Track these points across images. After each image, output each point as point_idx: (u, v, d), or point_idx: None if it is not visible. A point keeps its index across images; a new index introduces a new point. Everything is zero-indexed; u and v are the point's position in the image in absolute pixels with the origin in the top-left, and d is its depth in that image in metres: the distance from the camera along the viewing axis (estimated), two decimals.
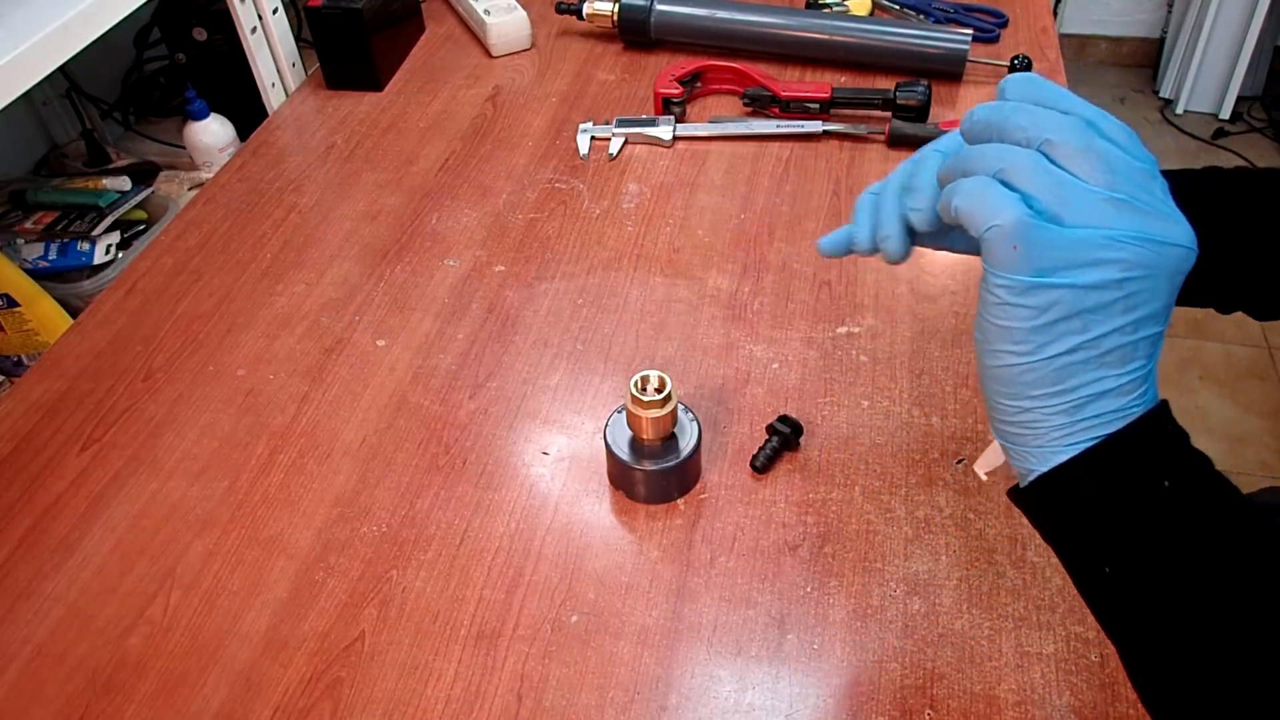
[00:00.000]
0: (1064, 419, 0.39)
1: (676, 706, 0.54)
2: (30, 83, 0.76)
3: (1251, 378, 1.93)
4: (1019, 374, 0.38)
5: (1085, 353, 0.37)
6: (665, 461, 0.62)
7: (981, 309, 0.39)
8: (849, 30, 1.05)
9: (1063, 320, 0.37)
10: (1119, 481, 0.38)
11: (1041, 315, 0.37)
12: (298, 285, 0.83)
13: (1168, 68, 2.67)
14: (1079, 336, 0.37)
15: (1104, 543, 0.40)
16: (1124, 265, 0.36)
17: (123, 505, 0.66)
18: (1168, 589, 0.38)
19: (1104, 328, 0.37)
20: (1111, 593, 0.40)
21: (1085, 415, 0.38)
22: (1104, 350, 0.37)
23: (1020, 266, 0.36)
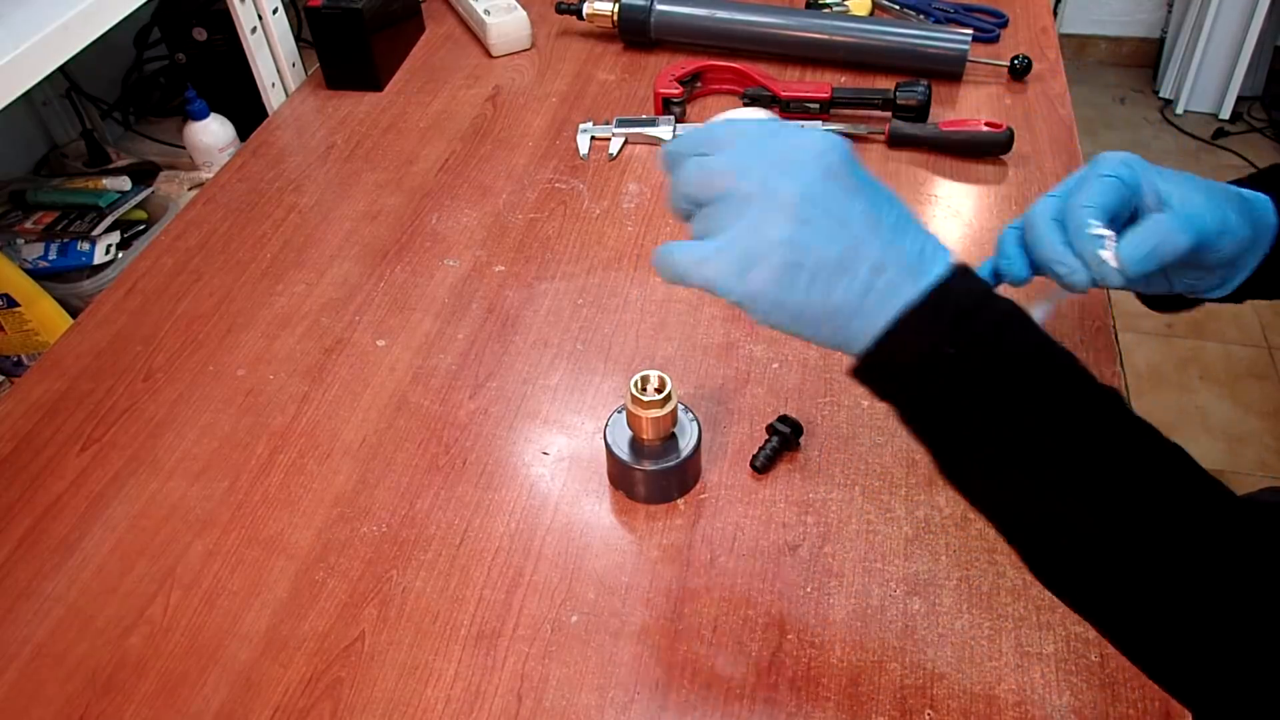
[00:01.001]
0: (851, 320, 0.43)
1: (676, 706, 0.54)
2: (30, 83, 0.76)
3: (1251, 378, 1.93)
4: (788, 325, 0.44)
5: (820, 280, 0.42)
6: (665, 461, 0.62)
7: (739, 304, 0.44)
8: (849, 30, 1.05)
9: (777, 280, 0.42)
10: (905, 359, 0.42)
11: (765, 297, 0.43)
12: (298, 285, 0.83)
13: (1168, 68, 2.67)
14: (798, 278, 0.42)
15: (916, 414, 0.44)
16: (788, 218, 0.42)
17: (123, 505, 0.66)
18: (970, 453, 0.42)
19: (816, 259, 0.42)
20: (945, 459, 0.44)
21: (865, 305, 0.42)
22: (829, 263, 0.42)
23: (717, 285, 0.43)
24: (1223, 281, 0.57)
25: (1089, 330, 0.74)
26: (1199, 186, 0.51)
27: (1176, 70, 2.64)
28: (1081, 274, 0.51)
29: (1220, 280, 0.56)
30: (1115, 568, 0.40)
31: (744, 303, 0.43)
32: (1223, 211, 0.51)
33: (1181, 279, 0.57)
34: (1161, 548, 0.39)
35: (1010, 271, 0.54)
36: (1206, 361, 1.97)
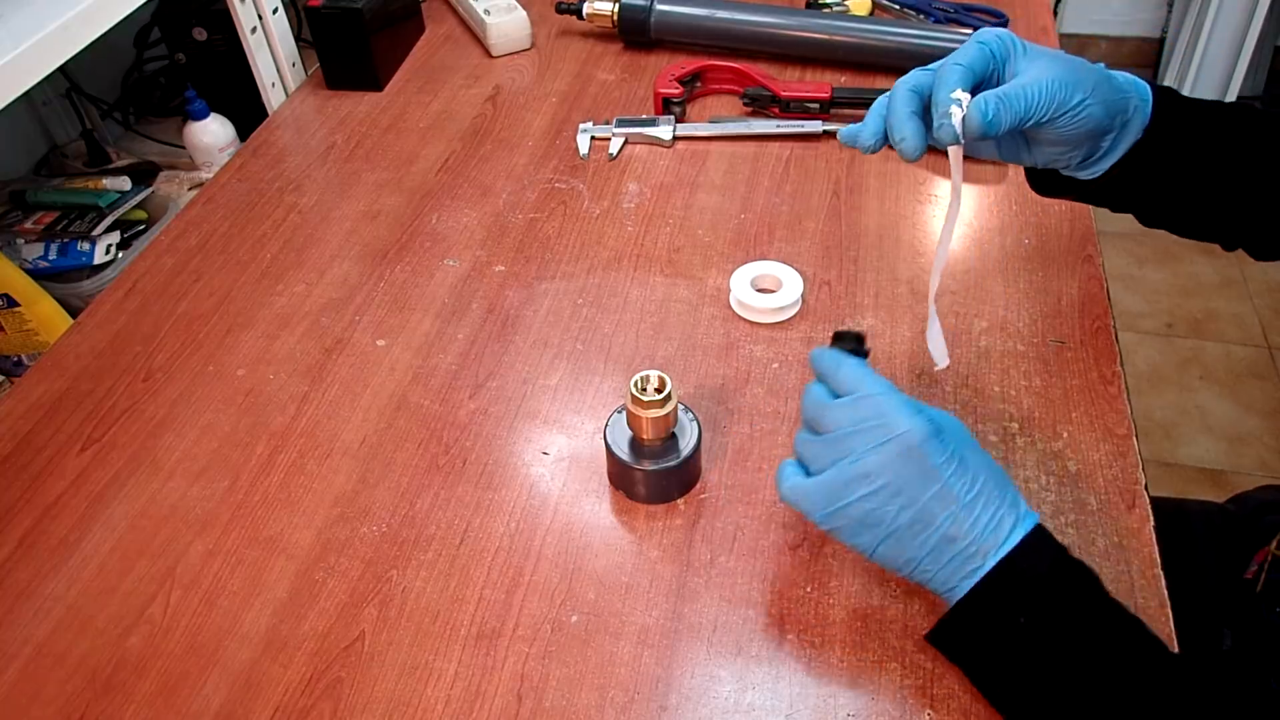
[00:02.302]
0: (928, 576, 0.49)
1: (676, 706, 0.54)
2: (30, 83, 0.76)
3: (1251, 378, 1.93)
4: (880, 560, 0.50)
5: (895, 535, 0.48)
6: (665, 461, 0.62)
7: None
8: (849, 30, 1.05)
9: (861, 525, 0.49)
10: (980, 626, 0.48)
11: (845, 531, 0.50)
12: (298, 285, 0.83)
13: (1168, 68, 2.67)
14: (878, 529, 0.49)
15: (994, 673, 0.50)
16: (866, 473, 0.48)
17: (123, 505, 0.66)
18: (1036, 710, 0.48)
19: (888, 513, 0.48)
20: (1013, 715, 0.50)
21: (938, 566, 0.48)
22: (904, 525, 0.48)
23: (810, 513, 0.51)
24: (1085, 161, 0.59)
25: (1089, 330, 0.74)
26: (1056, 64, 0.54)
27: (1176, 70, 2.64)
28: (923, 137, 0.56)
29: (1083, 159, 0.59)
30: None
31: (834, 535, 0.51)
32: (1069, 91, 0.53)
33: (1041, 152, 0.59)
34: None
35: (861, 136, 0.59)
36: (1206, 361, 1.97)
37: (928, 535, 0.48)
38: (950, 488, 0.47)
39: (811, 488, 0.50)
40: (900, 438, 0.47)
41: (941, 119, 0.53)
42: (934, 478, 0.47)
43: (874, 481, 0.48)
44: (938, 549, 0.48)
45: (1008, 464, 0.65)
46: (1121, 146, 0.58)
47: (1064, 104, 0.53)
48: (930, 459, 0.47)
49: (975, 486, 0.48)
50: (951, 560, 0.48)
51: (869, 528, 0.49)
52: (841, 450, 0.49)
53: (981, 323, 0.75)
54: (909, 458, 0.47)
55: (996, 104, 0.52)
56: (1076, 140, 0.57)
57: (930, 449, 0.47)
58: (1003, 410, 0.68)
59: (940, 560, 0.48)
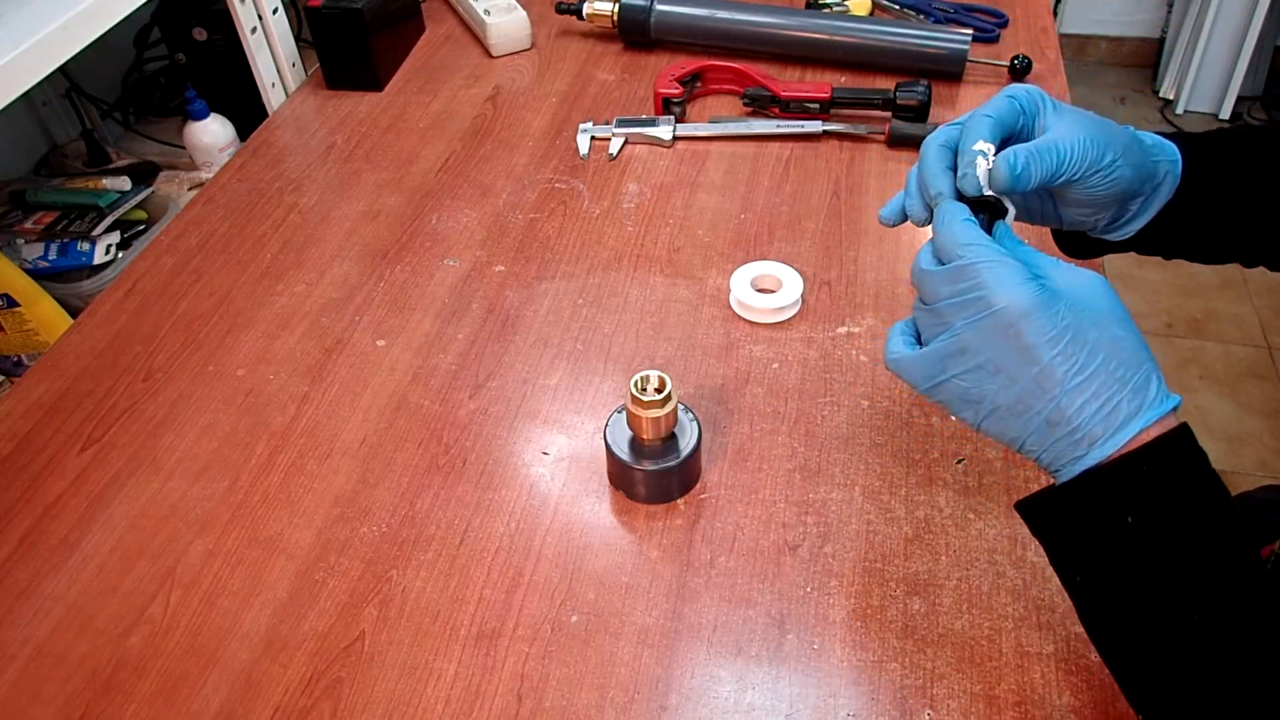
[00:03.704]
0: (1038, 450, 0.47)
1: (676, 706, 0.54)
2: (30, 83, 0.76)
3: (1251, 378, 1.93)
4: (987, 433, 0.48)
5: (995, 416, 0.47)
6: (665, 461, 0.62)
7: None
8: (849, 30, 1.05)
9: (953, 402, 0.48)
10: (1086, 514, 0.45)
11: (948, 407, 0.48)
12: (298, 285, 0.83)
13: (1168, 68, 2.67)
14: (977, 408, 0.47)
15: (1077, 559, 0.47)
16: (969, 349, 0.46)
17: (123, 505, 0.66)
18: (1125, 607, 0.45)
19: (991, 386, 0.46)
20: (1083, 599, 0.47)
21: (1050, 441, 0.46)
22: (1002, 407, 0.46)
23: (917, 383, 0.49)
24: (1115, 222, 0.58)
25: None
26: (1087, 122, 0.53)
27: (1176, 70, 2.64)
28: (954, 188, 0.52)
29: (1112, 220, 0.58)
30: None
31: (937, 401, 0.49)
32: (1101, 150, 0.52)
33: (1069, 214, 0.58)
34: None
35: (911, 212, 0.55)
36: (1206, 361, 1.97)
37: (1029, 417, 0.45)
38: (1052, 369, 0.44)
39: (911, 361, 0.49)
40: (998, 314, 0.44)
41: (966, 168, 0.50)
42: (1033, 358, 0.44)
43: (970, 359, 0.46)
44: (1039, 431, 0.45)
45: (1007, 464, 0.65)
46: (1151, 210, 0.57)
47: (1096, 162, 0.52)
48: (1029, 336, 0.44)
49: (1088, 368, 0.44)
50: (1056, 443, 0.45)
51: (970, 404, 0.47)
52: (941, 323, 0.47)
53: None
54: (1006, 335, 0.44)
55: (1027, 157, 0.50)
56: (1105, 202, 0.55)
57: (1031, 325, 0.44)
58: None
59: (1044, 442, 0.46)
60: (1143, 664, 0.45)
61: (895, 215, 0.54)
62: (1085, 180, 0.53)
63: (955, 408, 0.48)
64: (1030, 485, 0.64)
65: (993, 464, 0.65)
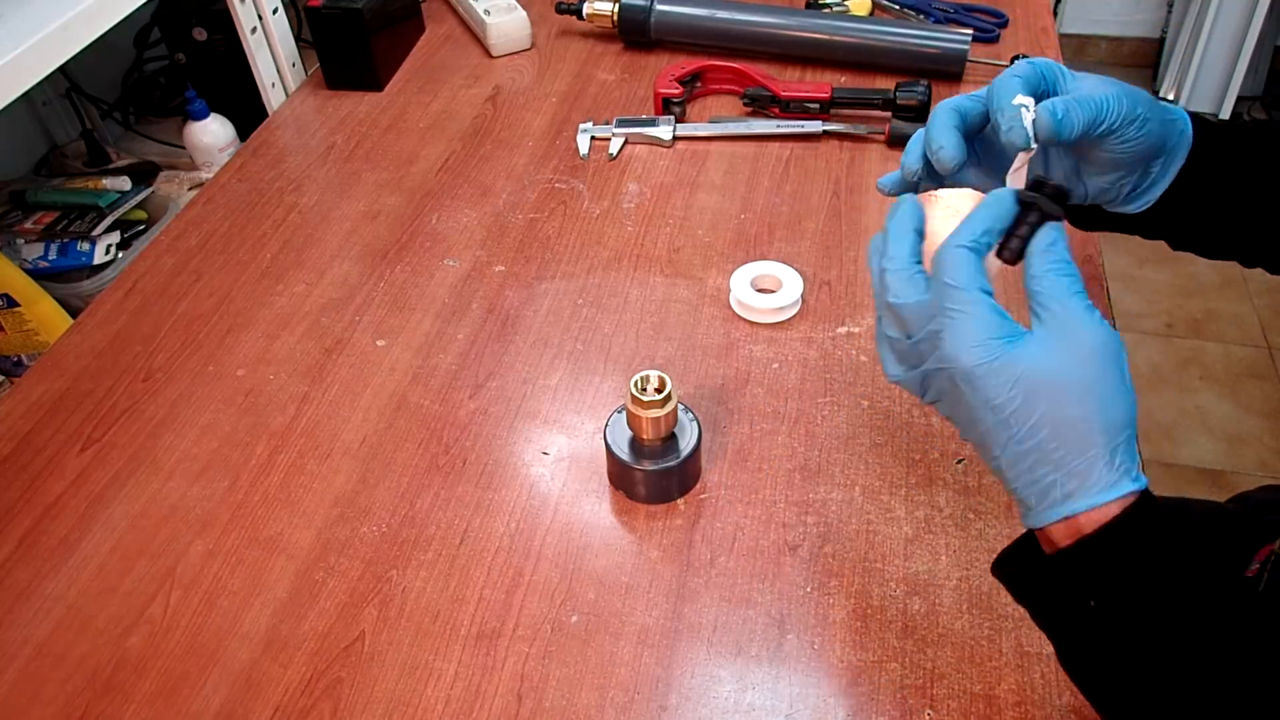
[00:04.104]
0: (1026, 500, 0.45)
1: (676, 706, 0.54)
2: (30, 83, 0.76)
3: (1251, 378, 1.93)
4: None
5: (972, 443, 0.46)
6: (665, 461, 0.62)
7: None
8: (849, 30, 1.05)
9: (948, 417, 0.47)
10: (1051, 590, 0.45)
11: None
12: (298, 285, 0.83)
13: (1168, 68, 2.67)
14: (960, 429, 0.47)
15: (1049, 624, 0.47)
16: (932, 387, 0.47)
17: (123, 505, 0.66)
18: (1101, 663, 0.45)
19: (961, 427, 0.47)
20: (1061, 650, 0.47)
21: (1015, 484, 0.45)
22: (972, 438, 0.46)
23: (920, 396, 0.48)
24: (1136, 190, 0.57)
25: None
26: (1109, 82, 0.53)
27: (1176, 70, 2.64)
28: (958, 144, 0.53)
29: (1136, 185, 0.57)
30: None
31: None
32: (1132, 102, 0.52)
33: (1093, 180, 0.57)
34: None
35: (904, 161, 0.55)
36: (1206, 361, 1.97)
37: (991, 459, 0.46)
38: (993, 432, 0.44)
39: (904, 382, 0.49)
40: (954, 370, 0.45)
41: (1011, 121, 0.50)
42: (977, 417, 0.45)
43: (936, 396, 0.47)
44: (1002, 473, 0.46)
45: None
46: (1170, 173, 0.57)
47: (1130, 112, 0.52)
48: (976, 396, 0.44)
49: (1025, 443, 0.43)
50: (1019, 488, 0.45)
51: (955, 424, 0.48)
52: (915, 352, 0.48)
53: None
54: (959, 386, 0.45)
55: (1066, 105, 0.50)
56: (1135, 159, 0.55)
57: (979, 386, 0.44)
58: None
59: (1014, 482, 0.45)
60: (1124, 709, 0.45)
61: (893, 182, 0.55)
62: (1121, 132, 0.52)
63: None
64: None
65: None
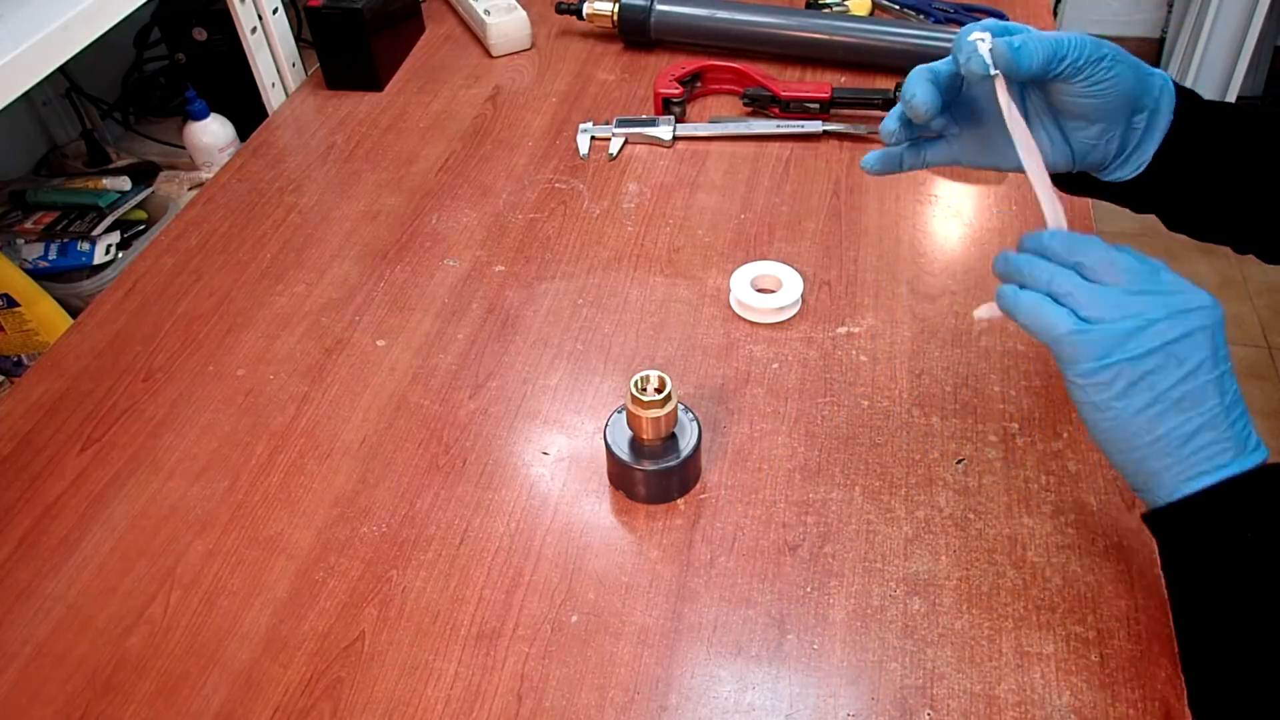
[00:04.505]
0: (1166, 460, 0.47)
1: (676, 706, 0.54)
2: (30, 83, 0.76)
3: (1251, 378, 1.93)
4: (1116, 433, 0.48)
5: (1160, 405, 0.46)
6: (665, 461, 0.62)
7: (1071, 392, 0.49)
8: (849, 30, 1.05)
9: (1131, 385, 0.46)
10: (1211, 528, 0.47)
11: (1111, 387, 0.47)
12: (298, 285, 0.83)
13: (1168, 68, 2.66)
14: (1148, 393, 0.46)
15: (1196, 575, 0.48)
16: (1159, 334, 0.46)
17: (123, 505, 0.66)
18: (1235, 625, 0.46)
19: (1165, 381, 0.46)
20: (1190, 615, 0.49)
21: (1184, 453, 0.47)
22: (1175, 399, 0.46)
23: (1083, 359, 0.47)
24: (1122, 152, 0.57)
25: None
26: (1073, 32, 0.54)
27: (1176, 70, 2.64)
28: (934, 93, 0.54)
29: (1121, 145, 0.57)
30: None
31: (1088, 397, 0.48)
32: (1096, 46, 0.53)
33: (1079, 136, 0.57)
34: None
35: (884, 124, 0.58)
36: None
37: (1194, 415, 0.46)
38: (1225, 380, 0.47)
39: (1096, 334, 0.47)
40: (1202, 311, 0.47)
41: (968, 54, 0.51)
42: (1219, 362, 0.47)
43: (1160, 343, 0.46)
44: (1183, 437, 0.46)
45: (1007, 464, 0.65)
46: (1156, 131, 0.57)
47: (1094, 54, 0.52)
48: (1219, 341, 0.47)
49: (1233, 389, 0.47)
50: (1210, 445, 0.46)
51: (1134, 392, 0.47)
52: (1132, 306, 0.47)
53: (981, 322, 0.75)
54: (1203, 333, 0.46)
55: (1024, 39, 0.51)
56: (1111, 111, 0.54)
57: (1219, 334, 0.47)
58: (1003, 410, 0.68)
59: (1197, 444, 0.46)
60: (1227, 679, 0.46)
61: (876, 159, 0.58)
62: (1089, 72, 0.52)
63: (1111, 392, 0.47)
64: (1030, 485, 0.64)
65: (993, 464, 0.65)
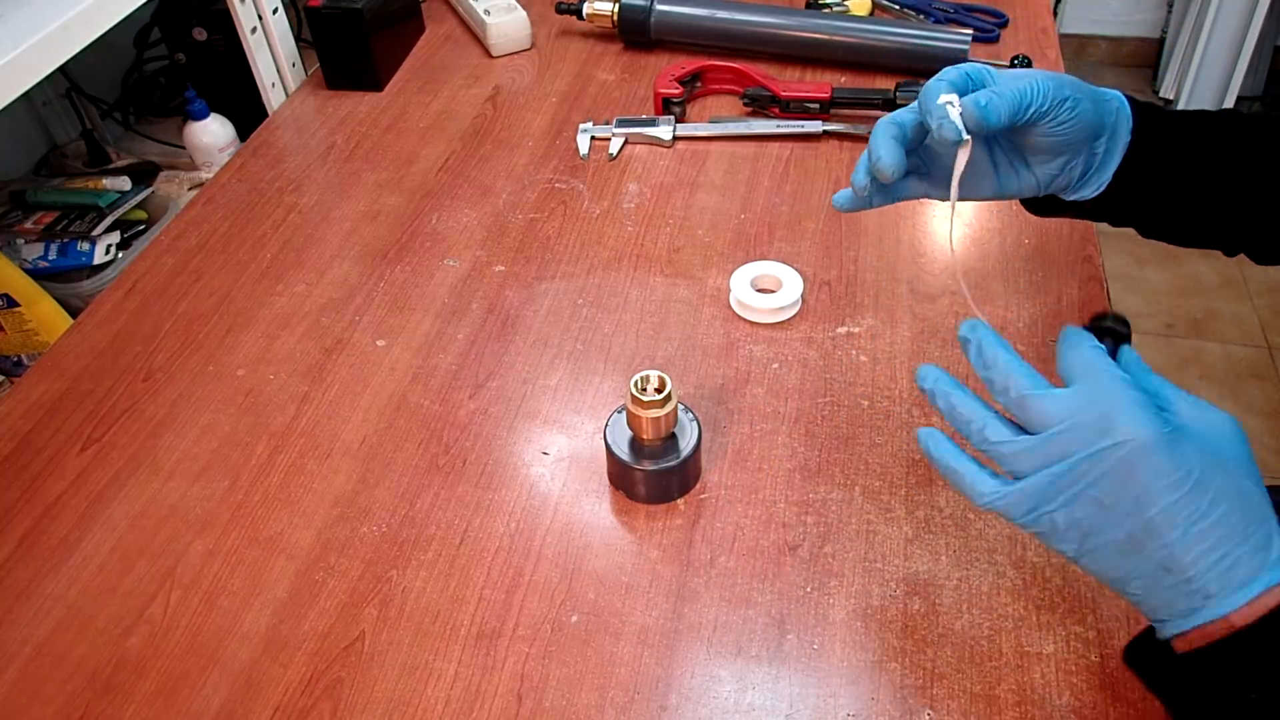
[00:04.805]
0: (1143, 597, 0.44)
1: (676, 706, 0.54)
2: (30, 83, 0.76)
3: (1251, 378, 1.93)
4: (1086, 568, 0.45)
5: (1100, 553, 0.44)
6: (665, 461, 0.62)
7: None
8: (849, 30, 1.05)
9: (1069, 531, 0.44)
10: (1205, 682, 0.43)
11: (1057, 536, 0.44)
12: (298, 285, 0.83)
13: (1168, 68, 2.67)
14: (1095, 538, 0.43)
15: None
16: (1082, 482, 0.42)
17: (123, 505, 0.66)
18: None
19: (1098, 532, 0.43)
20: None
21: (1148, 593, 0.43)
22: (1109, 544, 0.43)
23: (1013, 517, 0.45)
24: (1084, 176, 0.58)
25: None
26: (1034, 71, 0.54)
27: (1176, 70, 2.64)
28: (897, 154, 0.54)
29: (1082, 173, 0.58)
30: None
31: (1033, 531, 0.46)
32: (1058, 87, 0.53)
33: (1041, 169, 0.58)
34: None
35: (854, 178, 0.58)
36: (1206, 361, 1.97)
37: (1140, 559, 0.42)
38: (1170, 512, 0.41)
39: (1016, 494, 0.44)
40: (1120, 446, 0.41)
41: (940, 118, 0.51)
42: (1151, 499, 0.41)
43: (1082, 489, 0.42)
44: (1150, 575, 0.42)
45: None
46: (1116, 152, 0.58)
47: (1056, 97, 0.53)
48: (1149, 474, 0.41)
49: (1209, 517, 0.41)
50: (1167, 590, 0.42)
51: (1073, 537, 0.44)
52: (1053, 452, 0.43)
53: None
54: (1127, 468, 0.41)
55: (989, 95, 0.51)
56: (1074, 143, 0.56)
57: (1155, 463, 0.41)
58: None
59: (1153, 587, 0.43)
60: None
61: (845, 199, 0.58)
62: (1053, 114, 0.53)
63: (1053, 539, 0.45)
64: None
65: None
